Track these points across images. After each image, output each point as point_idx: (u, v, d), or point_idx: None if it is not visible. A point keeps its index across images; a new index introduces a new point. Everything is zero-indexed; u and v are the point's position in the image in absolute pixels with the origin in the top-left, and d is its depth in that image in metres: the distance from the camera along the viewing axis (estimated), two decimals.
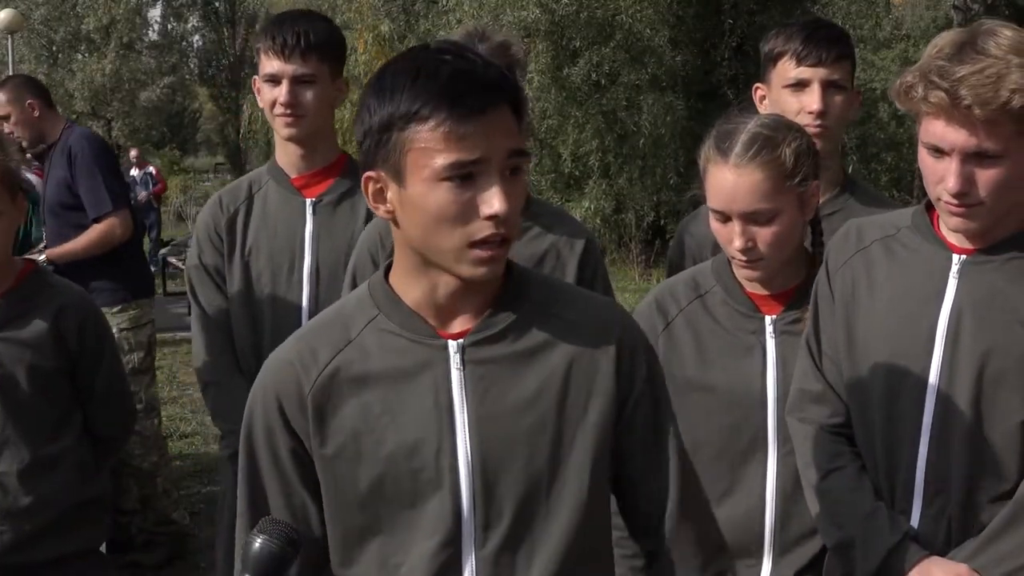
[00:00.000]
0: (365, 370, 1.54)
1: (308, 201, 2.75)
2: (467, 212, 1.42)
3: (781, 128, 2.13)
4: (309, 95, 2.67)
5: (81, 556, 2.54)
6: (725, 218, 2.11)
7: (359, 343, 1.55)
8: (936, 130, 1.79)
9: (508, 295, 1.57)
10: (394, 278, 1.57)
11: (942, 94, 1.74)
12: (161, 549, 4.88)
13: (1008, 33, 1.79)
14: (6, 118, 4.72)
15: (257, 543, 1.46)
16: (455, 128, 1.39)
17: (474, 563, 1.53)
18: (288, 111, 2.66)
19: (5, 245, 2.45)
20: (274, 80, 2.66)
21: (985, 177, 1.79)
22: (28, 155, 5.15)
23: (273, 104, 2.67)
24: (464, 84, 1.40)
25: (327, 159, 2.79)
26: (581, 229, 2.54)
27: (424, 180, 1.42)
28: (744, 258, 2.10)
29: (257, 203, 2.78)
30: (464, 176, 1.41)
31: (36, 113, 4.72)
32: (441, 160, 1.40)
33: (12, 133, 4.74)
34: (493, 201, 1.41)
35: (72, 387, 2.53)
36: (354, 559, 1.59)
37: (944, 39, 1.83)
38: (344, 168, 2.80)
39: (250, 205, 2.79)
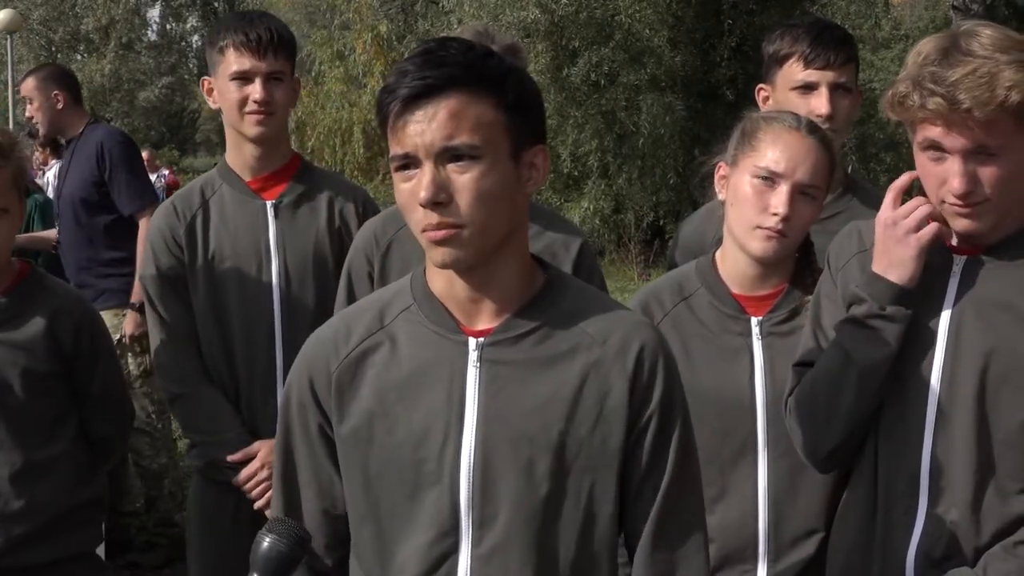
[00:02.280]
0: (390, 356, 1.59)
1: (268, 203, 2.70)
2: (412, 201, 1.49)
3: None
4: (280, 92, 2.64)
5: (76, 559, 2.52)
6: (771, 183, 2.11)
7: (390, 330, 1.60)
8: (935, 134, 1.80)
9: (538, 300, 1.59)
10: (427, 272, 1.62)
11: (939, 100, 1.74)
12: (161, 550, 4.89)
13: (988, 32, 1.80)
14: (30, 102, 4.81)
15: (265, 543, 1.47)
16: (392, 123, 1.49)
17: (469, 561, 1.55)
18: (262, 108, 2.62)
19: (9, 245, 2.44)
20: (245, 78, 2.61)
21: (988, 174, 1.79)
22: (40, 148, 5.18)
23: (242, 103, 2.62)
24: (401, 81, 1.48)
25: (283, 160, 2.75)
26: (577, 231, 2.55)
27: (392, 172, 1.53)
28: (780, 227, 2.10)
29: (214, 208, 2.72)
30: (404, 167, 1.50)
31: (60, 105, 4.78)
32: (390, 153, 1.51)
33: (32, 118, 4.82)
34: (418, 190, 1.47)
35: (68, 390, 2.51)
36: (357, 542, 1.63)
37: (926, 46, 1.83)
38: (298, 171, 2.77)
39: (207, 210, 2.72)
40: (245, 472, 2.64)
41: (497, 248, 1.53)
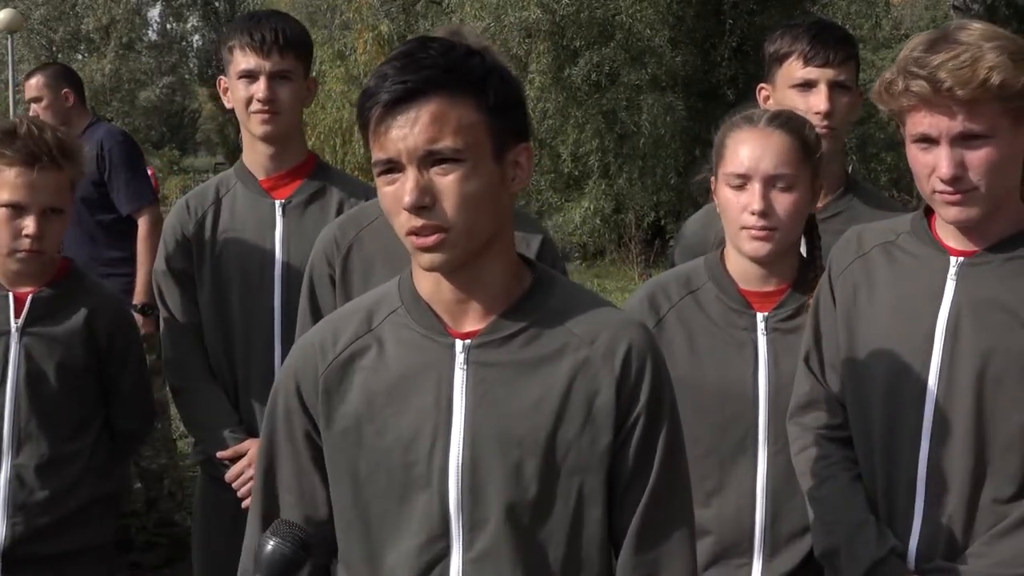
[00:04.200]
0: (378, 360, 1.58)
1: (277, 203, 2.71)
2: (396, 205, 1.48)
3: (798, 114, 2.26)
4: (286, 91, 2.64)
5: (89, 551, 2.56)
6: (743, 184, 2.12)
7: (377, 333, 1.59)
8: (922, 120, 1.81)
9: (525, 300, 1.58)
10: (413, 274, 1.61)
11: (922, 82, 1.77)
12: (161, 550, 4.89)
13: (978, 25, 1.83)
14: (38, 100, 4.79)
15: (270, 545, 1.48)
16: (373, 128, 1.48)
17: (460, 565, 1.54)
18: (266, 107, 2.63)
19: (59, 242, 2.52)
20: (251, 76, 2.63)
21: (975, 159, 1.80)
22: None
23: (248, 101, 2.64)
24: (381, 85, 1.46)
25: (296, 159, 2.76)
26: (538, 227, 2.55)
27: (375, 176, 1.52)
28: (761, 223, 2.10)
29: (225, 206, 2.74)
30: (388, 171, 1.49)
31: (69, 104, 4.80)
32: (373, 158, 1.50)
33: (39, 116, 4.80)
34: (402, 194, 1.46)
35: (97, 386, 2.56)
36: (344, 548, 1.62)
37: (917, 39, 1.86)
38: (313, 169, 2.78)
39: (218, 208, 2.74)
40: (233, 470, 2.67)
41: (483, 248, 1.53)
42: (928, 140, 1.82)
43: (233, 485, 2.67)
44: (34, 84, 4.82)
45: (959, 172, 1.80)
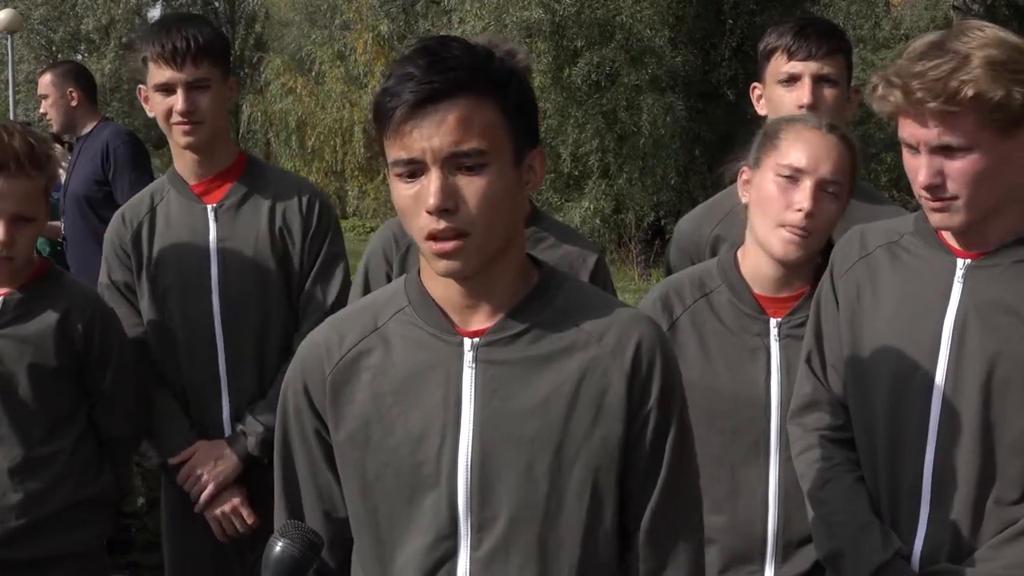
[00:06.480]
0: (384, 359, 1.57)
1: (209, 207, 2.69)
2: (415, 207, 1.47)
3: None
4: (205, 100, 2.60)
5: (71, 558, 2.52)
6: (794, 179, 2.11)
7: (383, 332, 1.59)
8: (905, 127, 1.81)
9: (533, 298, 1.57)
10: (422, 274, 1.60)
11: (898, 92, 1.77)
12: (161, 550, 4.88)
13: (979, 31, 1.79)
14: (45, 97, 4.91)
15: (278, 547, 1.49)
16: (396, 127, 1.45)
17: (468, 564, 1.54)
18: (187, 119, 2.59)
19: (30, 249, 2.47)
20: (167, 89, 2.59)
21: (953, 170, 1.78)
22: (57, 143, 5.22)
23: (168, 113, 2.60)
24: (404, 85, 1.45)
25: (226, 162, 2.72)
26: (592, 245, 2.61)
27: (391, 176, 1.50)
28: (804, 223, 2.09)
29: (160, 214, 2.71)
30: (409, 172, 1.46)
31: (74, 103, 4.88)
32: (391, 157, 1.47)
33: (46, 113, 4.94)
34: (427, 196, 1.44)
35: (76, 388, 2.52)
36: (357, 546, 1.62)
37: (919, 41, 1.84)
38: (243, 170, 2.74)
39: (153, 217, 2.72)
40: (182, 472, 2.67)
41: (497, 254, 1.52)
42: (911, 146, 1.82)
43: (184, 487, 2.68)
44: (42, 81, 4.94)
45: (936, 181, 1.79)
